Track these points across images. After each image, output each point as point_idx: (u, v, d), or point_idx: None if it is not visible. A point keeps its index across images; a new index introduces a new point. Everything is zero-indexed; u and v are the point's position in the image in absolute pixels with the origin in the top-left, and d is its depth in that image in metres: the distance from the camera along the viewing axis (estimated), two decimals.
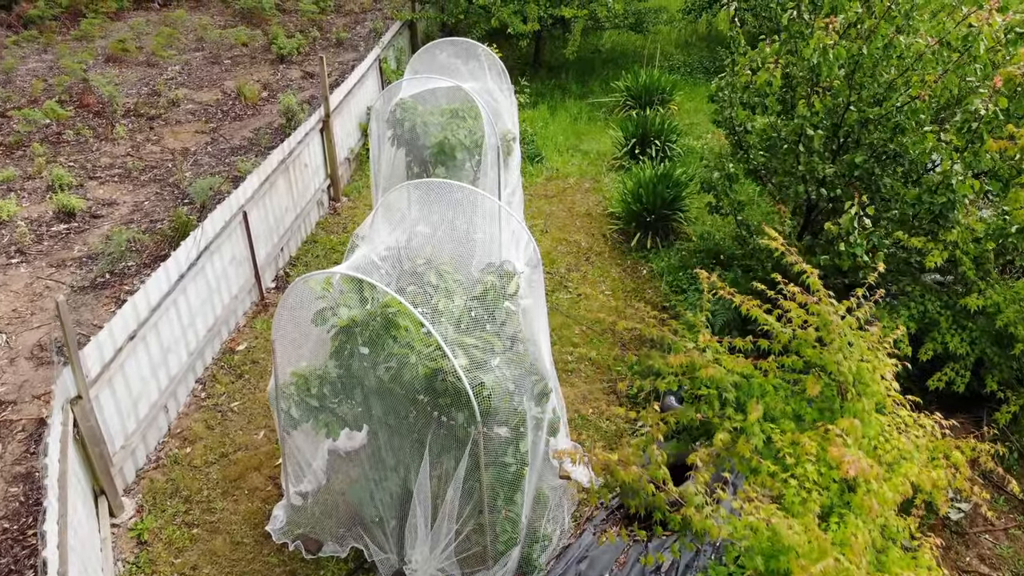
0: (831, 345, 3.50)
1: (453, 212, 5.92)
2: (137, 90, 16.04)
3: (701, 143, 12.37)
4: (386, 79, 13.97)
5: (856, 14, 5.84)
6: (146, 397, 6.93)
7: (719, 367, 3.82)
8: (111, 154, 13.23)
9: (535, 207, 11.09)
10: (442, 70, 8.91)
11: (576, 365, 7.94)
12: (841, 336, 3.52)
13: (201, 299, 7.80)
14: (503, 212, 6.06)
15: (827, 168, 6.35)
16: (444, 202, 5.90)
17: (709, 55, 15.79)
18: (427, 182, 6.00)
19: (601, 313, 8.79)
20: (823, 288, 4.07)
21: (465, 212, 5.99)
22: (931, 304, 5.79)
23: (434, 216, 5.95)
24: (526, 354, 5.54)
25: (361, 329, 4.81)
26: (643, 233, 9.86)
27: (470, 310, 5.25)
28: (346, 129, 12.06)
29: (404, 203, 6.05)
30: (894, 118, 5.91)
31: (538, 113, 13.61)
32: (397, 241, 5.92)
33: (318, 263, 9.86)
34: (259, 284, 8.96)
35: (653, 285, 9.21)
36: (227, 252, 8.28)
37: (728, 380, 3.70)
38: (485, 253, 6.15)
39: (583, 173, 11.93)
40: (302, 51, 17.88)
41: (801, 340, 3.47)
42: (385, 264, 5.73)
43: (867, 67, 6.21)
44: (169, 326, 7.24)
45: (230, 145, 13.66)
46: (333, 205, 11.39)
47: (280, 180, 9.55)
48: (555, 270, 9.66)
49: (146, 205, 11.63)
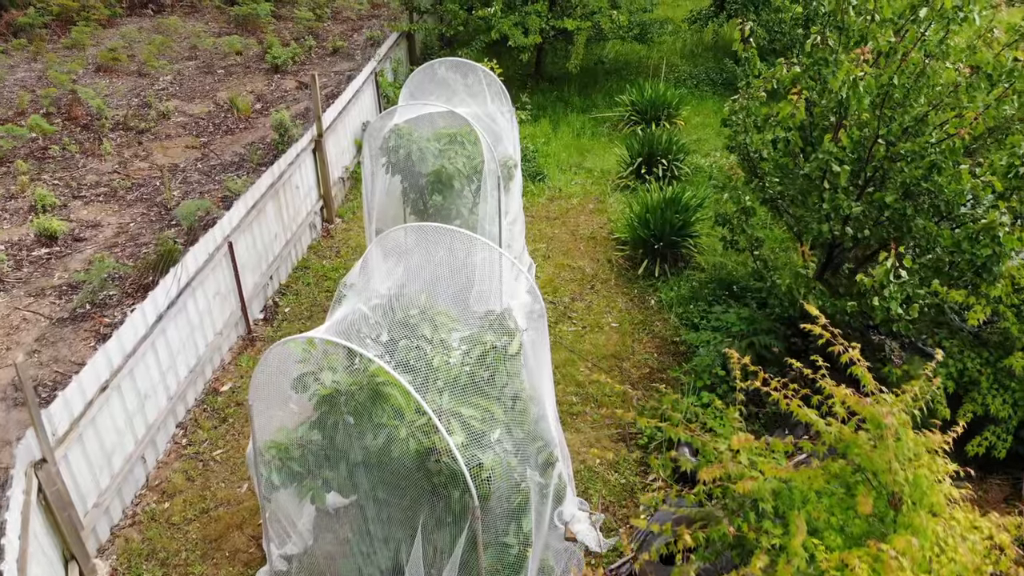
0: (882, 446, 3.04)
1: (450, 256, 5.46)
2: (127, 101, 15.58)
3: (709, 161, 11.90)
4: (382, 92, 13.49)
5: (889, 43, 5.37)
6: (121, 449, 6.47)
7: (757, 476, 3.30)
8: (97, 171, 12.77)
9: (537, 230, 10.61)
10: (440, 91, 8.44)
11: (581, 407, 7.47)
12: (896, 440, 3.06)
13: (182, 339, 7.33)
14: (504, 260, 5.58)
15: (854, 207, 5.88)
16: (441, 245, 5.43)
17: (715, 66, 15.30)
18: (422, 226, 5.53)
19: (607, 347, 8.33)
20: (868, 375, 3.59)
21: (463, 256, 5.52)
22: (970, 361, 5.33)
23: (430, 259, 5.48)
24: (528, 412, 5.08)
25: (346, 399, 4.34)
26: (651, 260, 9.39)
27: (468, 370, 4.78)
28: (340, 146, 11.59)
29: (397, 247, 5.58)
30: (929, 155, 5.44)
31: (539, 128, 13.14)
32: (389, 288, 5.45)
33: (309, 292, 9.39)
34: (246, 317, 8.49)
35: (662, 317, 8.73)
36: (211, 286, 7.81)
37: (766, 488, 3.22)
38: (485, 299, 5.72)
39: (587, 193, 11.46)
40: (297, 60, 17.41)
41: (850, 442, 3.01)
42: (375, 314, 5.26)
43: (897, 98, 5.74)
44: (146, 371, 6.78)
45: (221, 161, 13.19)
46: (326, 227, 10.92)
47: (269, 205, 9.08)
48: (558, 299, 9.18)
49: (131, 227, 11.16)
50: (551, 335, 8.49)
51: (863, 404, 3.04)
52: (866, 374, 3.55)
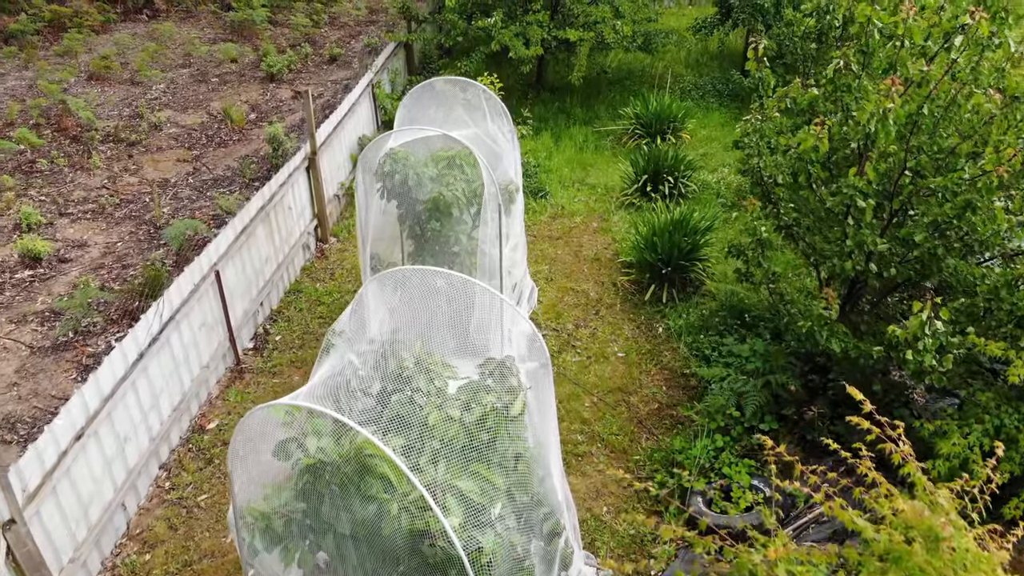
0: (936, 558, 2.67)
1: (448, 306, 5.08)
2: (119, 112, 15.19)
3: (717, 177, 11.51)
4: (379, 104, 13.11)
5: (921, 73, 4.99)
6: (99, 498, 6.09)
7: None
8: (86, 186, 12.38)
9: (539, 250, 10.23)
10: (438, 110, 8.06)
11: (587, 448, 7.08)
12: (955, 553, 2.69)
13: (166, 375, 6.95)
14: (505, 305, 5.20)
15: (879, 243, 5.50)
16: (437, 290, 5.06)
17: (721, 76, 14.91)
18: (417, 270, 5.15)
19: (614, 379, 7.95)
20: (923, 478, 3.19)
21: (462, 301, 5.15)
22: (1008, 417, 4.95)
23: (426, 304, 5.10)
24: (532, 474, 4.70)
25: (332, 471, 3.96)
26: (658, 285, 9.00)
27: (466, 433, 4.40)
28: (336, 162, 11.21)
29: (389, 290, 5.20)
30: (963, 193, 5.06)
31: (541, 142, 12.75)
32: (381, 334, 5.08)
33: (301, 318, 9.00)
34: (234, 347, 8.11)
35: (670, 346, 8.34)
36: (197, 318, 7.43)
37: None
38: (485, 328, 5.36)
39: (590, 210, 11.07)
40: (293, 68, 17.00)
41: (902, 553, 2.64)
42: (366, 365, 4.88)
43: (927, 127, 5.36)
44: (127, 412, 6.40)
45: (213, 176, 12.80)
46: (320, 247, 10.53)
47: (260, 228, 8.70)
48: (562, 326, 8.80)
49: (119, 247, 10.77)
50: (554, 365, 8.11)
51: (920, 515, 2.66)
52: (921, 478, 3.15)
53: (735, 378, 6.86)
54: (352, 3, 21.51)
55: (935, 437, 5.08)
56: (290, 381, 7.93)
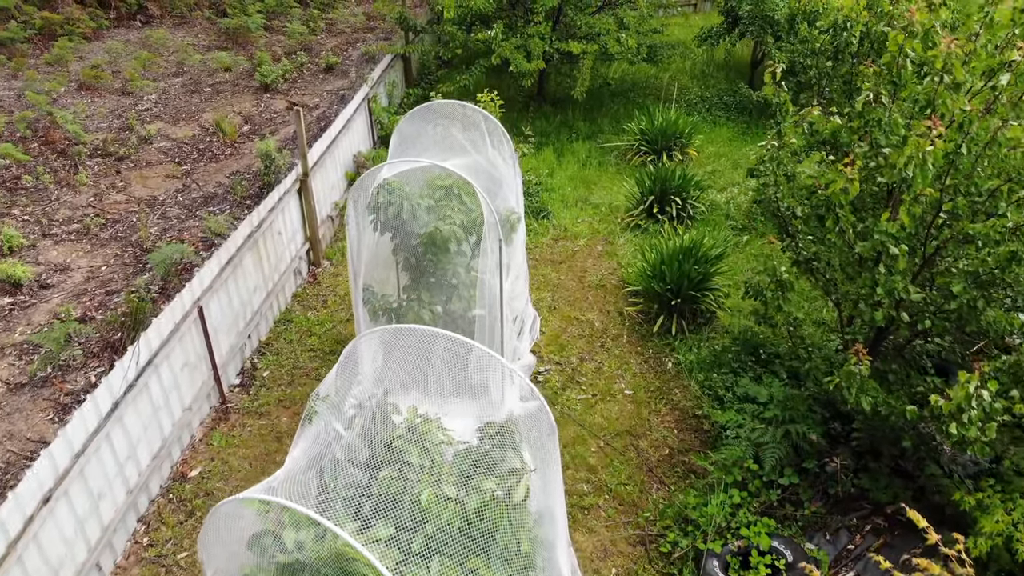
0: None
1: (442, 361, 4.65)
2: (108, 124, 14.74)
3: (726, 197, 11.07)
4: (376, 119, 12.67)
5: (963, 112, 4.55)
6: (72, 560, 5.65)
7: None
8: (71, 204, 11.94)
9: (541, 275, 9.79)
10: (434, 137, 7.62)
11: (594, 500, 6.65)
12: None
13: (144, 423, 6.52)
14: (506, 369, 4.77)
15: (912, 292, 5.06)
16: (431, 351, 4.63)
17: (728, 88, 14.46)
18: (409, 329, 4.71)
19: (621, 420, 7.52)
20: None
21: (457, 358, 4.72)
22: None
23: (418, 365, 4.67)
24: (535, 555, 4.27)
25: (311, 573, 3.53)
26: (667, 316, 8.56)
27: (464, 514, 3.97)
28: (330, 181, 10.78)
29: (379, 349, 4.77)
30: (1007, 243, 4.63)
31: (543, 159, 12.30)
32: (370, 398, 4.64)
33: (291, 351, 8.56)
34: (219, 385, 7.68)
35: (681, 383, 7.91)
36: (178, 358, 7.00)
37: None
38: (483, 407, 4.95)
39: (595, 232, 10.63)
40: (289, 78, 16.55)
41: None
42: (351, 433, 4.46)
43: (965, 167, 4.92)
44: (101, 467, 5.96)
45: (203, 193, 12.35)
46: (313, 271, 10.10)
47: (247, 257, 8.27)
48: (565, 359, 8.36)
49: (103, 271, 10.33)
50: (558, 403, 7.69)
51: None
52: None
53: (752, 426, 6.42)
54: (349, 10, 21.07)
55: (977, 512, 4.65)
56: (277, 423, 7.50)
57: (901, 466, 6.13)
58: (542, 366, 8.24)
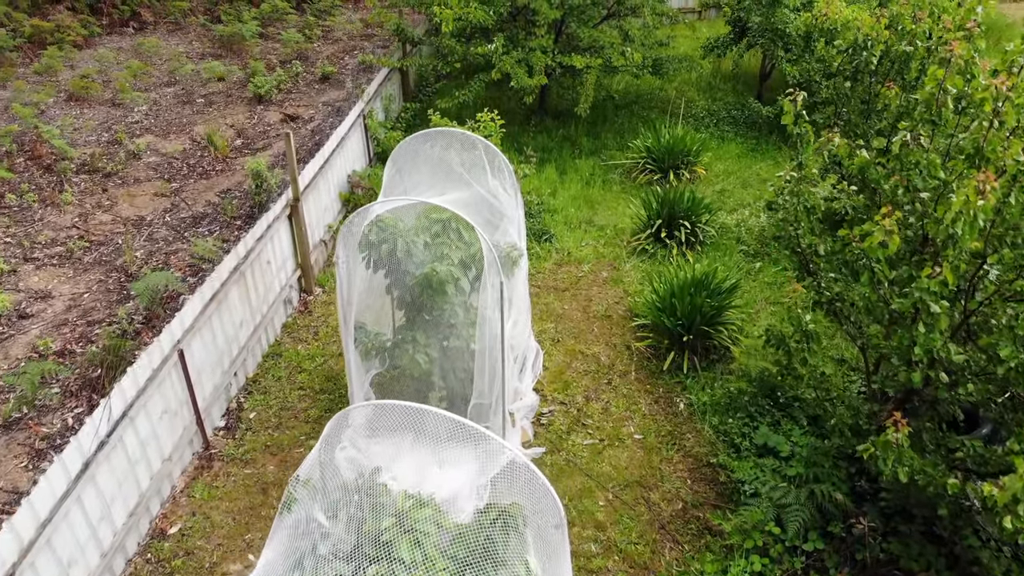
0: None
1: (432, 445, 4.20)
2: (96, 137, 14.27)
3: (736, 219, 10.60)
4: (372, 135, 12.21)
5: (1017, 163, 4.10)
6: None
7: None
8: (55, 225, 11.48)
9: (544, 303, 9.33)
10: (431, 166, 7.16)
11: (602, 561, 6.19)
12: None
13: (119, 478, 6.07)
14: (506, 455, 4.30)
15: (955, 353, 4.61)
16: (423, 430, 4.17)
17: (736, 101, 13.98)
18: (397, 407, 4.25)
19: (631, 470, 7.06)
20: None
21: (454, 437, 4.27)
22: None
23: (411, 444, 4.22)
24: None
25: None
26: (678, 352, 8.11)
27: None
28: (322, 204, 10.32)
29: (363, 426, 4.31)
30: None
31: (545, 177, 11.83)
32: (356, 479, 4.19)
33: (279, 389, 8.11)
34: (202, 430, 7.22)
35: (693, 427, 7.45)
36: (157, 406, 6.54)
37: None
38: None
39: (599, 257, 10.16)
40: (283, 88, 16.08)
41: None
42: (336, 523, 4.00)
43: (1012, 217, 4.47)
44: (71, 533, 5.51)
45: (192, 213, 11.88)
46: (304, 299, 9.64)
47: (233, 291, 7.82)
48: (570, 399, 7.91)
49: (86, 299, 9.86)
50: (563, 449, 7.25)
51: None
52: None
53: (773, 483, 5.96)
54: (346, 16, 20.59)
55: None
56: (264, 472, 7.04)
57: (934, 530, 5.68)
58: (545, 406, 7.79)
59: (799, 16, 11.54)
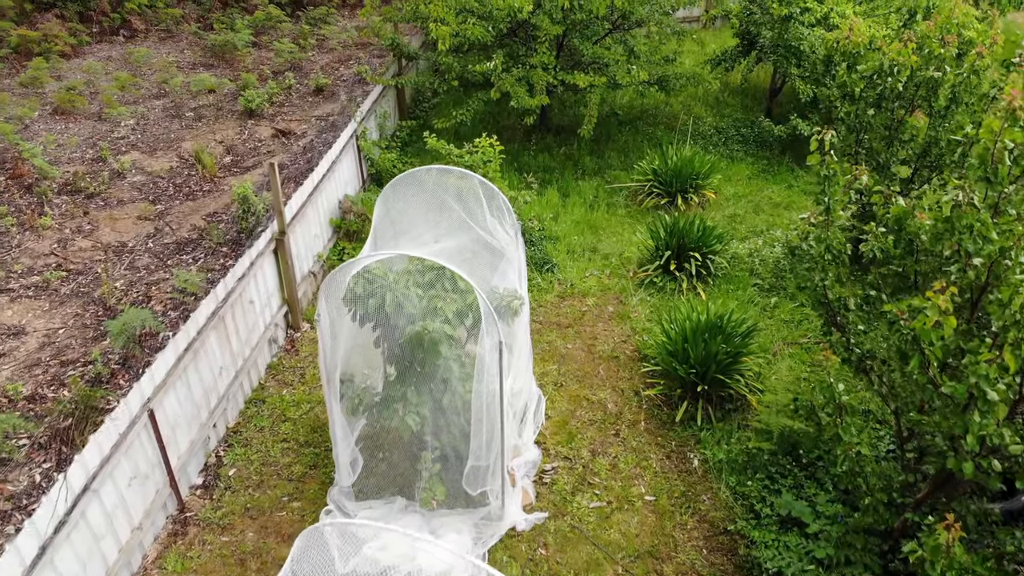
0: None
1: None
2: (81, 154, 13.70)
3: (748, 248, 10.04)
4: (366, 155, 11.66)
5: None
6: None
7: None
8: (32, 252, 10.91)
9: (546, 341, 8.77)
10: (424, 208, 6.62)
11: None
12: None
13: (83, 558, 5.51)
14: None
15: (1013, 443, 4.06)
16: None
17: (745, 118, 13.42)
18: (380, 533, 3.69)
19: (642, 537, 6.50)
20: None
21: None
22: None
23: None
24: None
25: None
26: (691, 402, 7.55)
27: None
28: (311, 233, 9.77)
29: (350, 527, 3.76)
30: None
31: (546, 200, 11.27)
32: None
33: (262, 441, 7.55)
34: (176, 492, 6.67)
35: (708, 486, 6.90)
36: (124, 471, 5.99)
37: None
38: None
39: (604, 289, 9.61)
40: (275, 101, 15.50)
41: None
42: None
43: None
44: None
45: (176, 239, 11.31)
46: (291, 336, 9.08)
47: (211, 337, 7.26)
48: (575, 452, 7.35)
49: (61, 335, 9.30)
50: (568, 513, 6.68)
51: None
52: None
53: (799, 567, 5.40)
54: (341, 25, 20.02)
55: None
56: (242, 540, 6.48)
57: None
58: (548, 462, 7.23)
59: (813, 32, 10.98)
